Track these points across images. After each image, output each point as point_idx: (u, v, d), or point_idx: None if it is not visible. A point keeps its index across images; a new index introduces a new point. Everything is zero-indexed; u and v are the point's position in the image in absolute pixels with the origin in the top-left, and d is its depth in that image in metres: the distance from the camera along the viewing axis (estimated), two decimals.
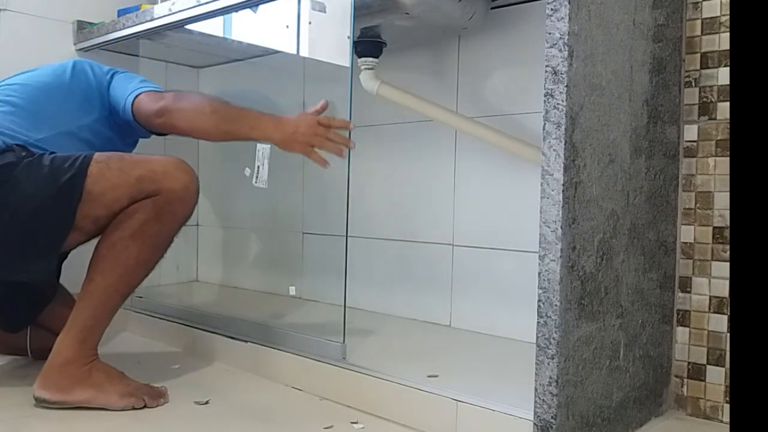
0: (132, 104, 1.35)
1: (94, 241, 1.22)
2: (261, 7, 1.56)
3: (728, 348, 1.12)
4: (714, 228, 1.14)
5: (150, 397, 1.20)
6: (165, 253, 1.26)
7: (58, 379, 1.16)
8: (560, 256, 0.89)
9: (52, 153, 1.22)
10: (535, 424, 0.93)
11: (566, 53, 0.88)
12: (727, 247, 1.13)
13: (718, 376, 1.14)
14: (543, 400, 0.91)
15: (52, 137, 1.30)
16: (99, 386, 1.17)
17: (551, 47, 0.90)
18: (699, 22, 1.16)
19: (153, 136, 1.49)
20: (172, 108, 1.30)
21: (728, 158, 1.13)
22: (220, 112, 1.30)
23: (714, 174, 1.14)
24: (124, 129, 1.44)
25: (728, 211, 1.12)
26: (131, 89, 1.39)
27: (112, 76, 1.44)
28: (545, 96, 0.90)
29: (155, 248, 1.22)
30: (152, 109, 1.31)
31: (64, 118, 1.34)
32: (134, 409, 1.17)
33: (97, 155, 1.21)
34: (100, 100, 1.41)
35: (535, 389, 0.92)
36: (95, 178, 1.17)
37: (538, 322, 0.91)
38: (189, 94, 1.36)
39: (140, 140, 1.56)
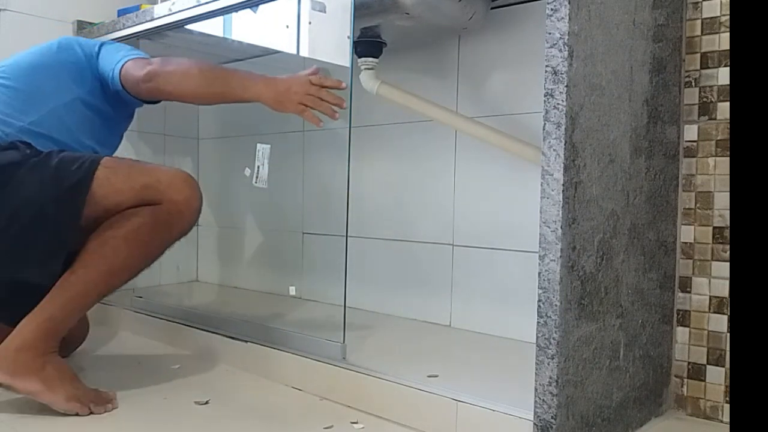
0: (120, 72, 1.33)
1: None
2: (261, 7, 1.56)
3: (728, 348, 1.12)
4: (714, 228, 1.14)
5: (96, 403, 1.16)
6: (152, 263, 1.24)
7: (11, 362, 1.12)
8: (560, 256, 0.89)
9: (60, 152, 1.20)
10: (535, 424, 0.93)
11: (566, 53, 0.88)
12: (727, 247, 1.13)
13: (718, 376, 1.14)
14: (543, 400, 0.91)
15: (46, 116, 1.28)
16: (49, 382, 1.13)
17: (551, 47, 0.90)
18: (699, 22, 1.16)
19: (149, 108, 1.48)
20: (160, 71, 1.29)
21: (728, 158, 1.13)
22: (208, 74, 1.29)
23: (714, 174, 1.14)
24: (118, 101, 1.40)
25: (728, 211, 1.12)
26: (118, 58, 1.36)
27: (99, 48, 1.41)
28: (545, 96, 0.90)
29: (144, 255, 1.21)
30: (139, 75, 1.29)
31: (56, 93, 1.33)
32: (78, 415, 1.14)
33: (105, 160, 1.20)
34: (90, 72, 1.38)
35: (535, 389, 0.92)
36: (101, 182, 1.16)
37: (538, 322, 0.91)
38: (176, 58, 1.33)
39: (143, 142, 1.56)
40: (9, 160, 1.15)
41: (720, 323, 1.14)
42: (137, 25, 1.73)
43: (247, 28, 1.85)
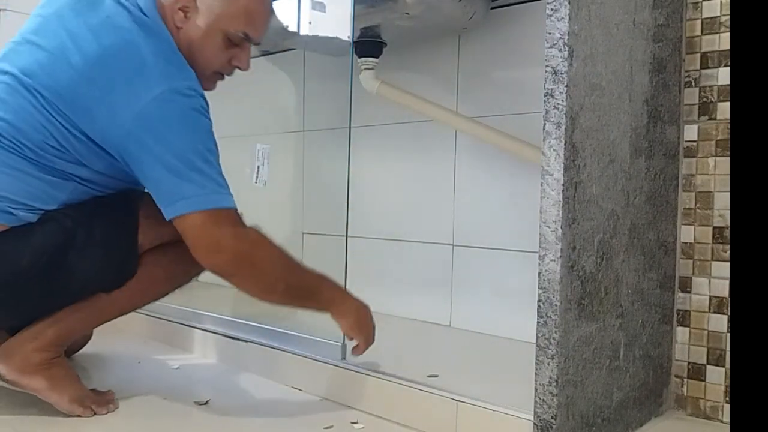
0: (174, 220, 1.03)
1: None
2: None
3: (728, 348, 1.12)
4: (714, 228, 1.14)
5: (98, 405, 1.16)
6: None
7: (22, 360, 1.11)
8: (560, 256, 0.89)
9: (97, 206, 1.10)
10: (535, 424, 0.93)
11: (566, 53, 0.88)
12: (727, 247, 1.13)
13: (718, 376, 1.13)
14: (543, 400, 0.91)
15: (69, 199, 1.09)
16: (55, 382, 1.13)
17: (551, 47, 0.90)
18: (699, 22, 1.16)
19: None
20: (236, 274, 1.07)
21: (728, 158, 1.13)
22: (293, 292, 1.12)
23: (714, 174, 1.14)
24: None
25: (728, 211, 1.12)
26: (179, 195, 1.01)
27: (142, 124, 1.00)
28: (545, 96, 0.90)
29: (178, 283, 1.23)
30: (206, 261, 1.05)
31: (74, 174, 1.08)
32: (80, 416, 1.13)
33: (143, 211, 1.13)
34: (108, 147, 1.05)
35: (535, 389, 0.92)
36: (146, 233, 1.13)
37: (538, 322, 0.91)
38: (259, 257, 1.08)
39: None
40: (54, 242, 1.07)
41: (720, 323, 1.14)
42: None
43: None
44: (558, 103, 0.89)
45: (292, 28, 1.74)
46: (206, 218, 1.02)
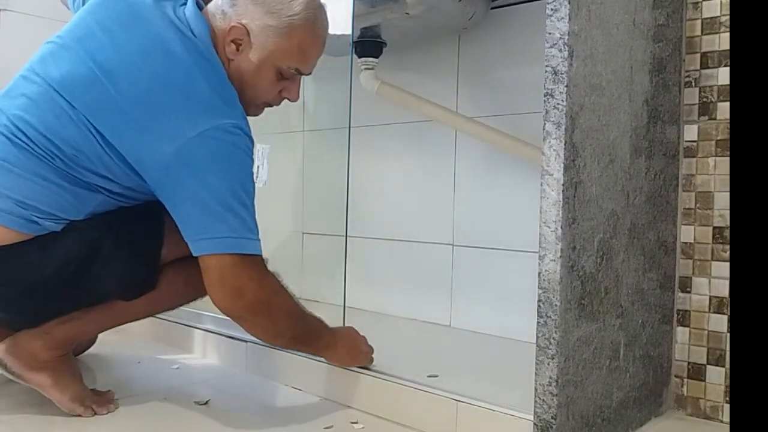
0: (199, 256, 1.02)
1: None
2: None
3: (728, 348, 1.12)
4: (714, 228, 1.14)
5: (98, 405, 1.15)
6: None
7: (30, 355, 1.11)
8: (560, 256, 0.89)
9: (123, 218, 1.10)
10: (535, 424, 0.93)
11: (566, 53, 0.88)
12: (727, 247, 1.13)
13: (718, 376, 1.13)
14: (543, 400, 0.91)
15: (93, 211, 1.08)
16: (59, 379, 1.13)
17: (551, 47, 0.90)
18: (699, 22, 1.16)
19: None
20: (249, 320, 1.07)
21: (728, 158, 1.13)
22: (297, 339, 1.15)
23: (714, 174, 1.14)
24: None
25: (728, 211, 1.12)
26: (210, 234, 0.99)
27: (182, 160, 0.98)
28: (545, 96, 0.90)
29: (193, 296, 1.22)
30: (224, 304, 1.03)
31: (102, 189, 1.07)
32: (80, 416, 1.13)
33: (168, 226, 1.09)
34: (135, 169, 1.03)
35: (535, 389, 0.92)
36: (170, 248, 1.12)
37: (538, 322, 0.91)
38: (275, 307, 1.07)
39: None
40: (79, 253, 1.07)
41: (720, 323, 1.14)
42: None
43: None
44: (558, 103, 0.89)
45: None
46: (234, 262, 1.00)
